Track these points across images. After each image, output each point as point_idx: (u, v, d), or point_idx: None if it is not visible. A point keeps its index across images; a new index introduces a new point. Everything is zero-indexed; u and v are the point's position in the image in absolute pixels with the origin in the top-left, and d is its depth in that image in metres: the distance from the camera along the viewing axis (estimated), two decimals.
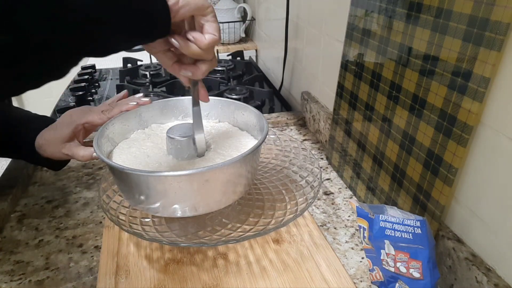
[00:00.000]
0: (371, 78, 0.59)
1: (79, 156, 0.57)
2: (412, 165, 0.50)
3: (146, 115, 0.62)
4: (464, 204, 0.46)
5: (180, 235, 0.52)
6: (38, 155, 0.61)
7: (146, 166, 0.52)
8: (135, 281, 0.49)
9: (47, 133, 0.60)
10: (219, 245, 0.52)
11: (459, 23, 0.41)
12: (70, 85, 1.22)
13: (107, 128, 0.55)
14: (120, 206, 0.56)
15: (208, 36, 0.42)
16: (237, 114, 0.62)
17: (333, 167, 0.75)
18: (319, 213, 0.63)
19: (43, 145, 0.59)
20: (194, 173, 0.44)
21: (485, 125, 0.41)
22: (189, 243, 0.50)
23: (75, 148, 0.58)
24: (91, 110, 0.60)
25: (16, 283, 0.51)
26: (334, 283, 0.48)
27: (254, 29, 1.62)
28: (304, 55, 0.98)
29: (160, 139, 0.59)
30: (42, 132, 0.60)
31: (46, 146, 0.59)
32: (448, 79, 0.43)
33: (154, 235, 0.51)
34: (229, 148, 0.56)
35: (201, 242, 0.50)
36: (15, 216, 0.64)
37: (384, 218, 0.45)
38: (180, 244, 0.50)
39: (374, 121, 0.59)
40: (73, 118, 0.59)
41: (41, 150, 0.60)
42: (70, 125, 0.59)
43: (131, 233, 0.50)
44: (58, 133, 0.59)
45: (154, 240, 0.49)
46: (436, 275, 0.43)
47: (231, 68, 1.32)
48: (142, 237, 0.49)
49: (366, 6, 0.59)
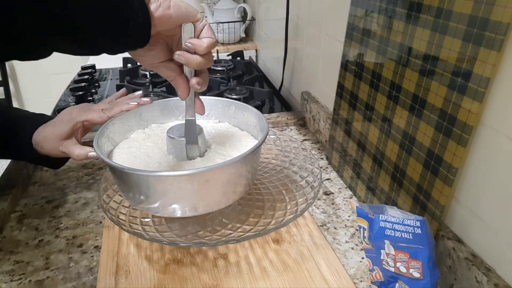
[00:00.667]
0: (371, 78, 0.59)
1: (74, 155, 0.57)
2: (412, 165, 0.50)
3: (146, 115, 0.62)
4: (464, 204, 0.46)
5: (180, 235, 0.52)
6: (36, 153, 0.60)
7: (147, 166, 0.52)
8: (135, 281, 0.49)
9: (45, 130, 0.59)
10: (219, 245, 0.52)
11: (459, 23, 0.41)
12: (70, 85, 1.22)
13: (107, 128, 0.55)
14: (120, 206, 0.56)
15: (206, 40, 0.42)
16: (237, 114, 0.62)
17: (333, 167, 0.75)
18: (319, 213, 0.63)
19: (40, 142, 0.59)
20: (195, 173, 0.44)
21: (485, 125, 0.41)
22: (189, 243, 0.50)
23: (72, 146, 0.58)
24: (91, 108, 0.60)
25: (16, 283, 0.51)
26: (334, 283, 0.48)
27: (254, 29, 1.62)
28: (304, 55, 0.98)
29: (160, 139, 0.59)
30: (40, 129, 0.60)
31: (44, 143, 0.59)
32: (448, 79, 0.43)
33: (154, 235, 0.51)
34: (229, 148, 0.56)
35: (201, 242, 0.50)
36: (15, 216, 0.64)
37: (384, 218, 0.45)
38: (180, 244, 0.50)
39: (374, 121, 0.59)
40: (73, 116, 0.59)
41: (39, 147, 0.59)
42: (69, 123, 0.58)
43: (131, 233, 0.50)
44: (57, 129, 0.58)
45: (154, 240, 0.49)
46: (436, 275, 0.43)
47: (231, 68, 1.32)
48: (142, 237, 0.49)
49: (366, 6, 0.59)
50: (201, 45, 0.42)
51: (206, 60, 0.43)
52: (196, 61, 0.43)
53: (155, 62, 0.44)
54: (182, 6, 0.41)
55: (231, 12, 1.55)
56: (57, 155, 0.59)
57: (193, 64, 0.43)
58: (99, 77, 1.34)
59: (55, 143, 0.58)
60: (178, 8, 0.40)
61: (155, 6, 0.39)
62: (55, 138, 0.58)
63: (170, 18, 0.40)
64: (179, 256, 0.53)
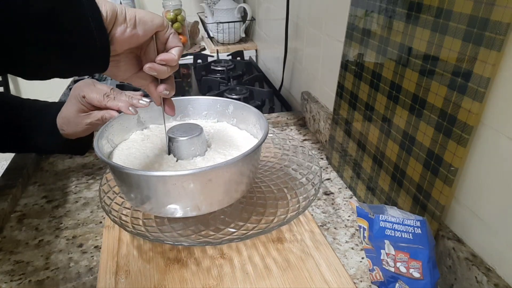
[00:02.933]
0: (371, 78, 0.59)
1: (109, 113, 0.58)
2: (412, 165, 0.50)
3: (144, 115, 0.62)
4: (464, 204, 0.46)
5: (184, 235, 0.52)
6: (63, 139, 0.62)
7: (147, 167, 0.52)
8: (135, 281, 0.49)
9: (62, 111, 0.61)
10: (224, 243, 0.52)
11: (459, 23, 0.41)
12: (70, 85, 1.22)
13: (106, 130, 0.55)
14: (121, 208, 0.56)
15: (175, 50, 0.43)
16: (236, 114, 0.62)
17: (333, 167, 0.75)
18: (319, 213, 0.63)
19: (62, 125, 0.61)
20: (198, 173, 0.44)
21: (485, 125, 0.41)
22: (194, 242, 0.50)
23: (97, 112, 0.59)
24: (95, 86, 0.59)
25: (16, 283, 0.51)
26: (334, 283, 0.48)
27: (254, 29, 1.62)
28: (304, 55, 0.98)
29: (160, 139, 0.59)
30: (59, 113, 0.61)
31: (65, 125, 0.61)
32: (448, 79, 0.43)
33: (158, 236, 0.51)
34: (229, 147, 0.56)
35: (206, 241, 0.50)
36: (15, 216, 0.64)
37: (384, 218, 0.45)
38: (184, 243, 0.50)
39: (374, 121, 0.59)
40: (77, 91, 0.59)
41: (63, 131, 0.61)
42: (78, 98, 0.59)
43: (134, 234, 0.50)
44: (71, 107, 0.59)
45: (158, 240, 0.49)
46: (436, 275, 0.43)
47: (231, 68, 1.32)
48: (147, 238, 0.49)
49: (366, 6, 0.59)
50: (172, 58, 0.42)
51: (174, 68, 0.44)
52: (167, 72, 0.44)
53: (126, 76, 0.44)
54: (148, 20, 0.40)
55: (231, 12, 1.55)
56: (81, 133, 0.61)
57: (164, 75, 0.44)
58: (99, 77, 1.34)
59: (75, 120, 0.59)
60: (144, 24, 0.39)
61: (122, 29, 0.38)
62: (73, 116, 0.59)
63: (138, 38, 0.40)
64: (179, 256, 0.53)
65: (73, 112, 0.59)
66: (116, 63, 0.42)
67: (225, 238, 0.50)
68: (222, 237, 0.50)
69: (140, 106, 0.56)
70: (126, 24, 0.38)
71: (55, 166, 0.79)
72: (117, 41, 0.38)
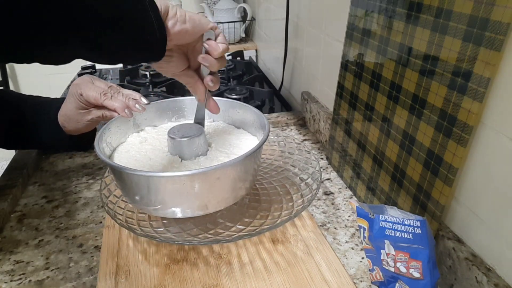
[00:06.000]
0: (371, 78, 0.59)
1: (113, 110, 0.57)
2: (412, 165, 0.50)
3: (140, 117, 0.62)
4: (464, 204, 0.46)
5: (191, 234, 0.52)
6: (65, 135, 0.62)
7: (151, 169, 0.51)
8: (135, 281, 0.49)
9: (62, 109, 0.61)
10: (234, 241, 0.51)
11: (459, 23, 0.41)
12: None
13: (104, 133, 0.55)
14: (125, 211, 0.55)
15: (221, 45, 0.47)
16: (232, 113, 0.63)
17: (333, 167, 0.75)
18: (319, 213, 0.63)
19: (64, 122, 0.61)
20: (208, 171, 0.44)
21: (485, 125, 0.41)
22: (205, 241, 0.50)
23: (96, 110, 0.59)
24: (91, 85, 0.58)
25: (16, 283, 0.51)
26: (334, 283, 0.48)
27: (254, 29, 1.62)
28: (304, 55, 0.98)
29: (158, 141, 0.59)
30: (60, 111, 0.61)
31: (66, 122, 0.60)
32: (448, 79, 0.43)
33: (168, 237, 0.51)
34: (230, 146, 0.56)
35: (216, 240, 0.50)
36: (15, 216, 0.64)
37: (384, 218, 0.45)
38: (193, 242, 0.50)
39: (374, 121, 0.59)
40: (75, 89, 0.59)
41: (65, 128, 0.61)
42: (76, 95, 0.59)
43: (143, 236, 0.50)
44: (70, 104, 0.59)
45: (168, 241, 0.49)
46: (436, 275, 0.43)
47: (231, 68, 1.32)
48: (155, 239, 0.49)
49: (366, 6, 0.59)
50: (217, 48, 0.47)
51: (221, 63, 0.49)
52: (217, 64, 0.48)
53: (177, 71, 0.49)
54: (196, 19, 0.45)
55: (231, 12, 1.55)
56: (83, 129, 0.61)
57: (214, 67, 0.48)
58: (99, 77, 1.34)
59: (76, 117, 0.59)
60: (193, 21, 0.44)
61: (173, 22, 0.42)
62: (73, 113, 0.59)
63: (187, 32, 0.44)
64: (179, 256, 0.53)
65: (73, 109, 0.59)
66: (169, 58, 0.46)
67: (235, 236, 0.50)
68: (233, 234, 0.50)
69: (136, 110, 0.55)
70: (176, 18, 0.42)
71: (55, 166, 0.79)
72: (169, 33, 0.42)
